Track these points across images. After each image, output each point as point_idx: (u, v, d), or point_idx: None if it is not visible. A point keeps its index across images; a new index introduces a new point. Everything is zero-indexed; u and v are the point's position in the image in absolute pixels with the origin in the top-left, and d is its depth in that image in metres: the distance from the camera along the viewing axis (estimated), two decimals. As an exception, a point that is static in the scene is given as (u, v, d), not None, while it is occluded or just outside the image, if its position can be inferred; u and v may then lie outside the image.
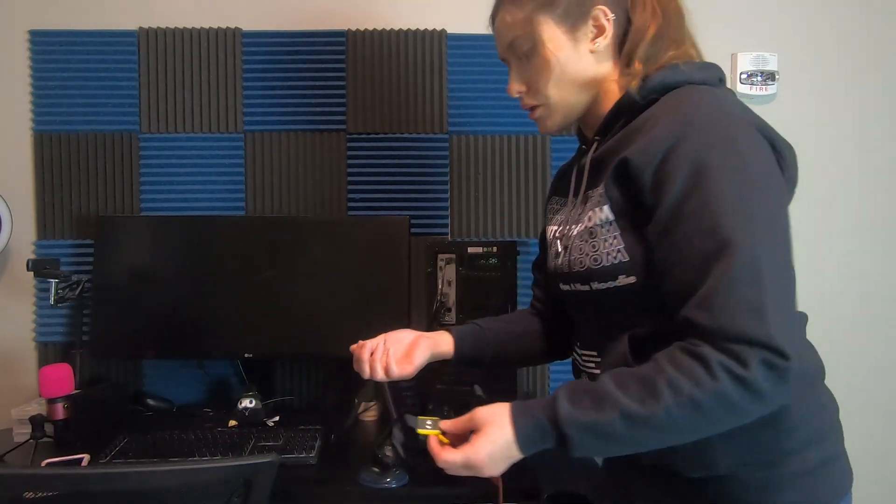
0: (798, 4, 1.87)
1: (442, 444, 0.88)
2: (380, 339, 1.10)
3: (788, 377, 0.71)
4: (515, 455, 0.82)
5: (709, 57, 0.97)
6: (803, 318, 0.91)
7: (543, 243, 1.16)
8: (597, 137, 0.96)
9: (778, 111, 1.85)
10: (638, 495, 0.96)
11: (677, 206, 0.77)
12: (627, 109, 0.91)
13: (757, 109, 0.88)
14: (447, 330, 1.15)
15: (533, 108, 1.00)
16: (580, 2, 0.92)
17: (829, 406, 0.93)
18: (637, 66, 0.91)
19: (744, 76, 1.85)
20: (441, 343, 1.12)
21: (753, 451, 0.83)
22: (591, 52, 0.94)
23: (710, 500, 0.86)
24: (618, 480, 1.02)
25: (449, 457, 0.84)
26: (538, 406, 0.81)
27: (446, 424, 0.89)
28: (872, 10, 1.88)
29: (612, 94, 0.95)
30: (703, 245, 0.75)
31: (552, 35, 0.93)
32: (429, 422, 0.91)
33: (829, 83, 1.88)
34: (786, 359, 0.70)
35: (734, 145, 0.78)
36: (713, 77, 0.91)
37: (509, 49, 0.99)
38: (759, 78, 1.85)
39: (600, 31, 0.93)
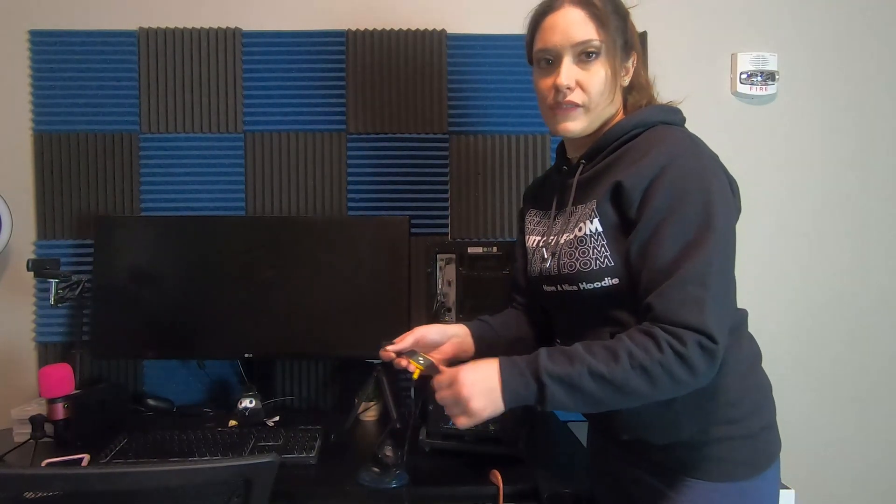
0: (798, 4, 1.87)
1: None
2: (409, 341, 1.15)
3: (716, 357, 0.91)
4: (497, 398, 0.95)
5: (709, 57, 1.00)
6: (744, 314, 1.10)
7: (523, 250, 1.26)
8: (582, 161, 1.10)
9: (778, 111, 1.85)
10: (618, 464, 1.14)
11: (658, 221, 0.96)
12: (613, 139, 1.06)
13: (757, 109, 0.90)
14: (465, 325, 1.24)
15: (572, 106, 1.06)
16: (629, 44, 1.09)
17: (764, 384, 1.10)
18: (630, 105, 1.10)
19: (744, 76, 1.84)
20: (465, 347, 1.23)
21: (708, 420, 1.02)
22: (621, 85, 1.09)
23: (675, 460, 1.04)
24: (601, 455, 1.20)
25: (439, 377, 1.01)
26: (522, 360, 0.97)
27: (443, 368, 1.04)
28: (872, 10, 1.88)
29: (606, 125, 1.10)
30: (671, 252, 0.94)
31: (614, 55, 1.06)
32: (420, 358, 1.10)
33: (829, 83, 1.88)
34: (715, 343, 0.89)
35: (703, 176, 0.97)
36: (680, 119, 1.10)
37: (574, 46, 1.04)
38: (759, 78, 1.84)
39: (627, 72, 1.10)
